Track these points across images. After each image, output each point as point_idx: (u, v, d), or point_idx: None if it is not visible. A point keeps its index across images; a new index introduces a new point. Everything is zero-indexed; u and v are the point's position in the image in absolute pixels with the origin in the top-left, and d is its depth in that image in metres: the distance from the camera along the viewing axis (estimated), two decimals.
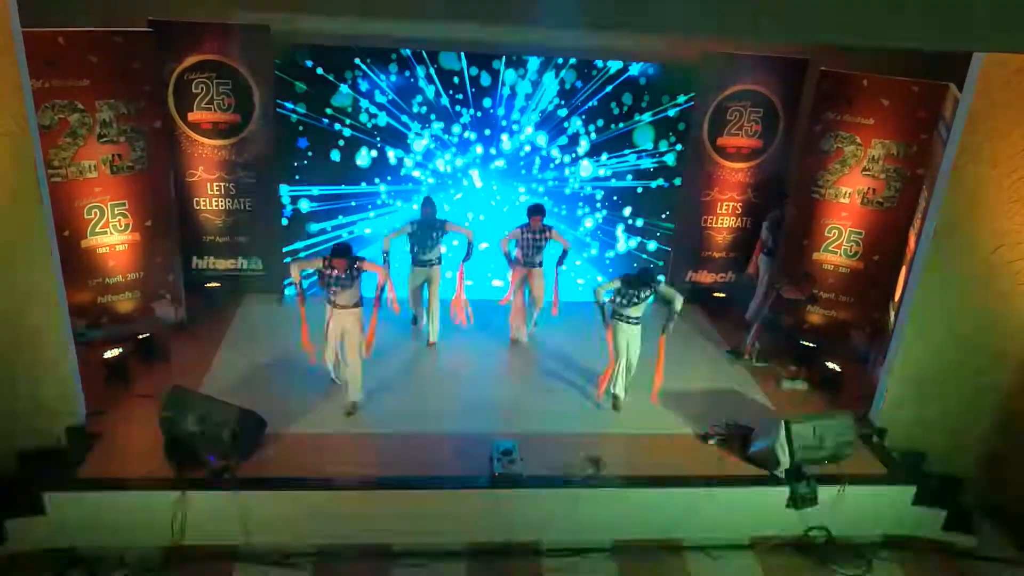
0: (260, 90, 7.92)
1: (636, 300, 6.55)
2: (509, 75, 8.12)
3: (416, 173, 8.47)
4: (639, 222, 8.85)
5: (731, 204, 8.86)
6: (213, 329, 7.85)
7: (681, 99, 8.43)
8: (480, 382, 7.29)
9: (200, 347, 7.48)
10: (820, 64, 7.91)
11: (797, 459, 5.94)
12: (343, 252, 6.18)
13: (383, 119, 8.14)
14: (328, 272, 6.25)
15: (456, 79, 8.10)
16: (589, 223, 8.85)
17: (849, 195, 7.92)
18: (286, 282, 7.93)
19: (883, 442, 6.59)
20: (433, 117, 8.23)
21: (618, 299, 6.62)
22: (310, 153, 8.22)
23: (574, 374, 7.54)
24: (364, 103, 8.07)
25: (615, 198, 8.73)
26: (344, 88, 7.98)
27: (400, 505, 5.71)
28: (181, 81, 7.79)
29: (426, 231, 7.48)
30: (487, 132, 8.34)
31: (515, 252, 7.64)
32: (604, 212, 8.75)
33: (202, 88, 7.85)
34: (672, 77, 8.36)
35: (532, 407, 6.92)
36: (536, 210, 7.39)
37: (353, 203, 8.47)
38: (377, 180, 8.39)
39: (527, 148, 8.45)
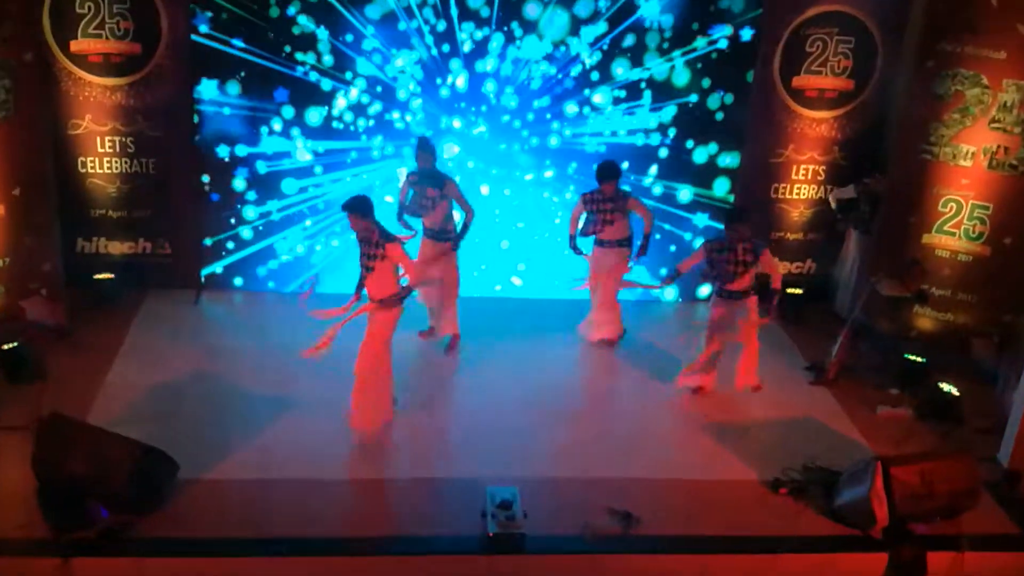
0: (168, 10, 7.92)
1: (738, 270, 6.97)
2: None
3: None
4: (687, 194, 8.85)
5: (811, 168, 8.87)
6: (105, 336, 7.85)
7: (744, 24, 8.43)
8: (471, 409, 7.32)
9: (88, 361, 7.48)
10: None
11: (899, 514, 5.97)
12: (357, 207, 6.27)
13: (325, 54, 8.18)
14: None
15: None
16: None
17: (972, 155, 7.93)
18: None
19: (1017, 492, 6.62)
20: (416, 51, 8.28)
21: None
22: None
23: (594, 396, 7.58)
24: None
25: (651, 161, 8.75)
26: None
27: None
28: None
29: (422, 185, 7.56)
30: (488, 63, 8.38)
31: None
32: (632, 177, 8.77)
33: (90, 7, 7.85)
34: None
35: (538, 442, 6.94)
36: (610, 171, 7.61)
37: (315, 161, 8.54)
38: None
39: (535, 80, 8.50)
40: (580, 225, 7.93)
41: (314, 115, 8.34)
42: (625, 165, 8.65)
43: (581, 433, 7.08)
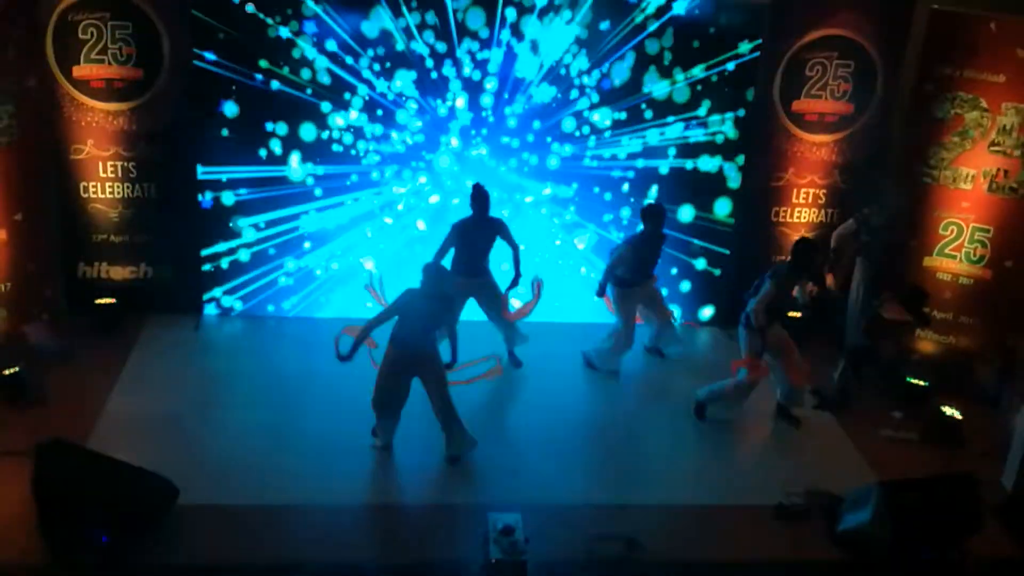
0: (170, 35, 7.97)
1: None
2: (510, 14, 8.18)
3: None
4: (687, 214, 8.88)
5: (811, 191, 8.90)
6: (106, 361, 7.85)
7: (744, 48, 8.48)
8: (473, 433, 7.26)
9: (88, 385, 7.48)
10: (932, 1, 7.97)
11: (903, 538, 5.95)
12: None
13: (323, 74, 8.21)
14: None
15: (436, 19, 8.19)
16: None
17: (972, 179, 7.95)
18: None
19: (1021, 515, 6.59)
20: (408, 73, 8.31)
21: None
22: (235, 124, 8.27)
23: (596, 420, 7.56)
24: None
25: (652, 184, 8.78)
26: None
27: None
28: (64, 23, 7.83)
29: (477, 235, 7.68)
30: (486, 87, 8.42)
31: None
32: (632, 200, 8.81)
33: (92, 33, 7.89)
34: (732, 18, 8.41)
35: (541, 467, 6.93)
36: (664, 212, 7.97)
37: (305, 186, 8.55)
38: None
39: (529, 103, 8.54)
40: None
41: (313, 137, 8.34)
42: (625, 187, 8.71)
43: (584, 458, 7.08)
